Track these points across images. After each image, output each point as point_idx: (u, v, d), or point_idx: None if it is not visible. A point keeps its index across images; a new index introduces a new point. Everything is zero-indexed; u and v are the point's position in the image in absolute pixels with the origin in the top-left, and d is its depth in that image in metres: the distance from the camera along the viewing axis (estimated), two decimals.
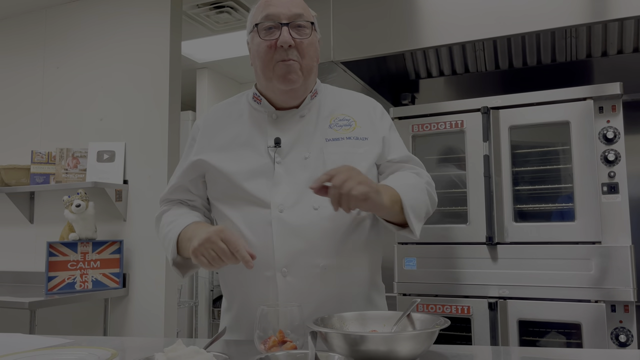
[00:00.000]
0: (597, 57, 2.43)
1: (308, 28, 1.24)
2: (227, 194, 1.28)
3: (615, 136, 2.01)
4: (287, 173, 1.25)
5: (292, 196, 1.22)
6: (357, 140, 1.29)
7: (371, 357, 0.88)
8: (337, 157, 1.25)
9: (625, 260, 1.94)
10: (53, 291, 2.90)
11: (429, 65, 2.69)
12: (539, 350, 1.13)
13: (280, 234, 1.20)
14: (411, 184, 1.25)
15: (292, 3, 1.24)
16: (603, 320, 1.94)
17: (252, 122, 1.32)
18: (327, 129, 1.30)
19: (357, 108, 1.36)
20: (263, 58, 1.24)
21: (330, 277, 1.20)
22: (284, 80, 1.24)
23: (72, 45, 3.48)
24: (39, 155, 3.25)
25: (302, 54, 1.24)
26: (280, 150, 1.26)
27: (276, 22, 1.21)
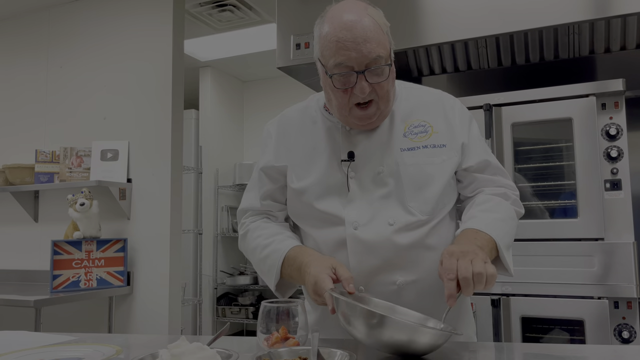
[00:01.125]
0: (600, 54, 2.43)
1: (385, 69, 1.14)
2: (303, 211, 1.26)
3: (618, 133, 2.01)
4: (361, 189, 1.20)
5: (366, 213, 1.18)
6: (435, 148, 1.21)
7: (388, 343, 0.89)
8: (413, 169, 1.19)
9: (628, 257, 1.94)
10: (58, 289, 2.92)
11: (431, 63, 2.69)
12: (542, 346, 1.14)
13: (355, 251, 1.16)
14: (500, 217, 1.17)
15: (365, 43, 1.10)
16: (606, 317, 1.94)
17: (326, 131, 1.26)
18: (401, 138, 1.22)
19: (433, 109, 1.26)
20: (339, 101, 1.17)
21: (408, 294, 1.17)
22: (360, 122, 1.19)
23: (76, 44, 3.50)
24: (43, 155, 3.27)
25: (380, 94, 1.16)
26: (353, 164, 1.21)
27: (350, 70, 1.12)
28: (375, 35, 1.12)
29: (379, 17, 1.16)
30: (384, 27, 1.15)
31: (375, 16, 1.14)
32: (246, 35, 4.30)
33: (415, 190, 1.18)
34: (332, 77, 1.14)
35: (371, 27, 1.11)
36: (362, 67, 1.11)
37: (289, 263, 1.18)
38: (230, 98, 5.40)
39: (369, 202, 1.19)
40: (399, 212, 1.17)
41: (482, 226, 1.13)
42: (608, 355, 1.04)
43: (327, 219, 1.20)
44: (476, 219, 1.16)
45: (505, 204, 1.21)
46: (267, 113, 5.49)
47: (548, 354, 1.03)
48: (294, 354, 0.84)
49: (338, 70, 1.13)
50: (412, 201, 1.18)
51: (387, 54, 1.14)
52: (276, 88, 5.41)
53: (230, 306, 4.97)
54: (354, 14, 1.12)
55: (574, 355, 1.02)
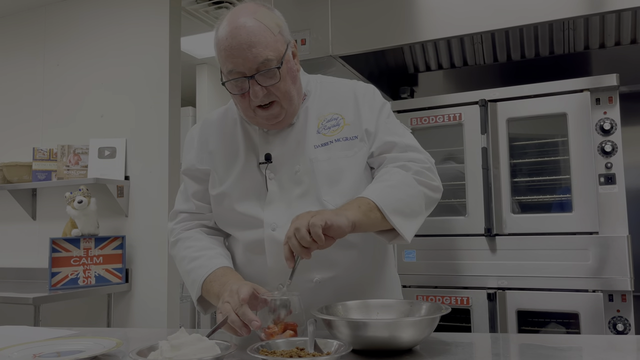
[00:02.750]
0: (595, 49, 2.45)
1: (275, 71, 1.13)
2: (224, 215, 1.27)
3: (612, 127, 2.03)
4: (280, 189, 1.21)
5: (284, 214, 1.18)
6: (347, 141, 1.21)
7: (373, 343, 0.90)
8: (326, 164, 1.19)
9: (622, 250, 1.96)
10: (57, 287, 2.92)
11: (427, 59, 2.71)
12: (537, 336, 1.16)
13: (272, 252, 1.17)
14: (389, 184, 1.15)
15: (252, 48, 1.11)
16: (601, 310, 1.96)
17: (244, 134, 1.28)
18: (315, 135, 1.23)
19: (345, 101, 1.26)
20: (242, 105, 1.19)
21: (326, 290, 1.18)
22: (269, 122, 1.20)
23: (72, 41, 3.50)
24: (41, 152, 3.27)
25: (279, 95, 1.16)
26: (272, 166, 1.21)
27: (242, 75, 1.13)
28: (262, 39, 1.11)
29: (269, 19, 1.15)
30: (274, 28, 1.14)
31: (264, 19, 1.13)
32: None
33: (329, 184, 1.19)
34: (226, 84, 1.16)
35: (257, 31, 1.11)
36: (253, 71, 1.12)
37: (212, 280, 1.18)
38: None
39: (287, 203, 1.20)
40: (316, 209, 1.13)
41: (365, 193, 1.12)
42: (602, 345, 1.06)
43: (247, 221, 1.21)
44: (365, 190, 1.15)
45: (402, 173, 1.17)
46: None
47: (542, 344, 1.05)
48: (291, 345, 0.85)
49: (231, 77, 1.14)
50: (327, 195, 1.18)
51: (278, 56, 1.13)
52: None
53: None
54: (241, 20, 1.12)
55: (567, 345, 1.04)
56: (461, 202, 2.25)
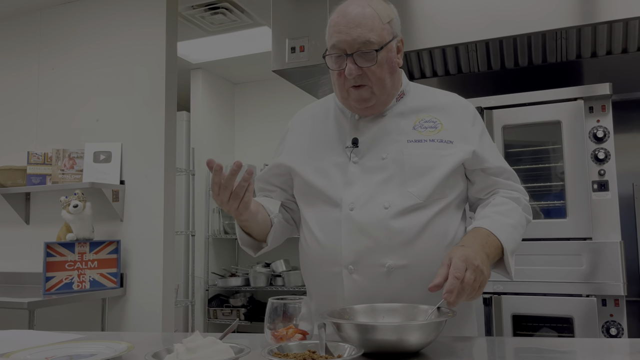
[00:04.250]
0: (587, 58, 2.49)
1: (373, 54, 1.20)
2: (304, 193, 1.33)
3: (605, 135, 2.07)
4: (363, 173, 1.25)
5: (364, 195, 1.23)
6: (442, 143, 1.26)
7: (381, 345, 0.92)
8: (418, 158, 1.24)
9: (615, 256, 1.99)
10: (51, 291, 2.91)
11: (422, 66, 2.74)
12: (532, 340, 1.18)
13: (348, 231, 1.21)
14: (512, 223, 1.22)
15: (358, 28, 1.19)
16: (594, 314, 1.99)
17: (335, 122, 1.34)
18: (410, 131, 1.28)
19: (447, 110, 1.31)
20: (337, 84, 1.26)
21: (397, 278, 1.19)
22: (358, 103, 1.26)
23: (68, 46, 3.49)
24: (35, 156, 3.26)
25: (372, 79, 1.22)
26: (357, 150, 1.27)
27: (341, 53, 1.21)
28: (369, 22, 1.20)
29: (382, 8, 1.23)
30: (385, 17, 1.22)
31: (376, 7, 1.22)
32: (238, 38, 4.32)
33: (417, 176, 1.23)
34: (326, 57, 1.24)
35: (366, 15, 1.20)
36: (352, 50, 1.19)
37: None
38: (221, 100, 5.41)
39: (367, 186, 1.24)
40: (396, 196, 1.21)
41: (494, 229, 1.18)
42: (595, 348, 1.08)
43: (325, 200, 1.26)
44: (490, 220, 1.21)
45: (518, 210, 1.26)
46: (257, 115, 5.51)
47: (537, 347, 1.07)
48: (303, 348, 0.87)
49: (331, 52, 1.22)
50: (412, 186, 1.22)
51: (380, 42, 1.20)
52: (267, 90, 5.44)
53: (222, 307, 4.98)
54: (356, 4, 1.22)
55: (561, 349, 1.07)
56: None
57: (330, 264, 1.22)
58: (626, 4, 1.99)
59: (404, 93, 1.32)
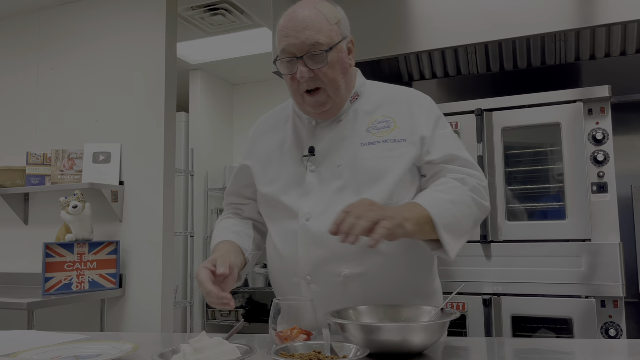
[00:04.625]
0: (586, 60, 2.51)
1: (323, 55, 1.19)
2: (264, 204, 1.34)
3: (605, 137, 2.08)
4: (320, 182, 1.25)
5: (320, 205, 1.22)
6: (395, 142, 1.24)
7: (386, 346, 0.93)
8: (370, 162, 1.22)
9: (614, 258, 2.01)
10: (50, 292, 2.91)
11: (422, 68, 2.75)
12: (532, 341, 1.19)
13: (304, 242, 1.21)
14: (450, 199, 1.16)
15: (305, 30, 1.19)
16: (593, 316, 2.00)
17: (294, 129, 1.34)
18: (364, 134, 1.26)
19: (400, 105, 1.29)
20: (291, 89, 1.26)
21: (354, 286, 1.19)
22: (314, 109, 1.25)
23: (67, 47, 3.49)
24: (35, 157, 3.26)
25: (325, 81, 1.21)
26: (314, 159, 1.26)
27: (292, 57, 1.20)
28: (317, 24, 1.20)
29: (329, 10, 1.23)
30: (332, 19, 1.22)
31: (323, 9, 1.22)
32: (237, 39, 4.32)
33: (370, 182, 1.21)
34: (277, 63, 1.23)
35: (314, 17, 1.20)
36: (302, 52, 1.19)
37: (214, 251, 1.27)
38: (220, 101, 5.42)
39: (323, 195, 1.23)
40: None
41: (424, 202, 1.13)
42: (596, 349, 1.09)
43: (285, 211, 1.26)
44: (423, 196, 1.17)
45: (462, 189, 1.19)
46: (256, 116, 5.49)
47: (537, 348, 1.08)
48: (309, 348, 0.87)
49: (282, 56, 1.22)
50: (366, 192, 1.20)
51: (329, 43, 1.20)
52: (266, 91, 5.44)
53: None
54: (303, 7, 1.22)
55: (560, 349, 1.07)
56: None
57: (290, 275, 1.23)
58: (624, 8, 2.00)
59: (358, 94, 1.31)
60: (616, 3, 2.01)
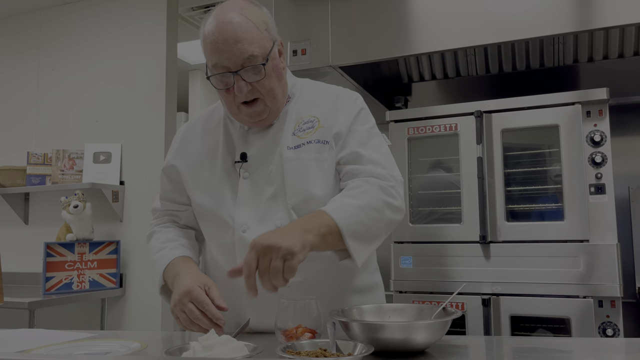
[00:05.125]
0: (584, 63, 2.53)
1: (260, 67, 1.14)
2: (197, 212, 1.29)
3: (602, 139, 2.11)
4: (253, 189, 1.20)
5: (256, 214, 1.18)
6: (319, 144, 1.21)
7: (389, 344, 0.95)
8: (295, 165, 1.19)
9: (611, 258, 2.03)
10: (50, 291, 2.92)
11: (421, 70, 2.77)
12: (530, 339, 1.21)
13: (243, 254, 1.09)
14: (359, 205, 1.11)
15: (238, 43, 1.11)
16: (591, 315, 2.03)
17: (225, 133, 1.28)
18: (290, 137, 1.23)
19: (326, 105, 1.26)
20: (226, 101, 1.20)
21: (295, 293, 1.14)
22: (252, 120, 1.21)
23: (68, 46, 3.51)
24: (35, 157, 3.27)
25: (263, 92, 1.17)
26: (246, 165, 1.21)
27: (226, 70, 1.14)
28: (248, 35, 1.12)
29: (257, 15, 1.16)
30: (261, 25, 1.15)
31: (251, 15, 1.15)
32: None
33: (296, 188, 1.18)
34: (210, 78, 1.16)
35: (243, 27, 1.12)
36: (238, 67, 1.12)
37: (169, 270, 1.21)
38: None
39: (258, 204, 1.19)
40: (285, 213, 1.17)
41: (330, 209, 1.09)
42: (595, 347, 1.11)
43: (218, 222, 1.22)
44: (331, 203, 1.12)
45: (373, 193, 1.14)
46: None
47: (536, 347, 1.10)
48: (315, 346, 0.89)
49: (216, 71, 1.15)
50: (291, 199, 1.18)
51: (264, 53, 1.14)
52: None
53: None
54: (228, 15, 1.13)
55: (558, 348, 1.10)
56: (457, 210, 2.31)
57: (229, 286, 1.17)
58: (622, 11, 2.03)
59: (289, 97, 1.28)
60: (614, 7, 2.04)
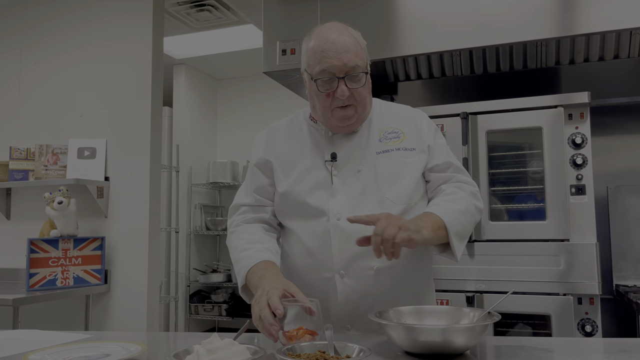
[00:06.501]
0: (565, 65, 2.59)
1: (362, 76, 1.32)
2: (287, 205, 1.40)
3: (583, 141, 2.17)
4: (343, 185, 1.36)
5: (347, 205, 1.33)
6: (406, 151, 1.39)
7: (428, 347, 0.99)
8: (388, 168, 1.36)
9: (591, 257, 2.10)
10: (34, 288, 2.90)
11: (407, 69, 2.80)
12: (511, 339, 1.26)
13: (337, 240, 1.31)
14: (459, 209, 1.33)
15: (346, 53, 1.29)
16: (570, 312, 2.10)
17: (311, 137, 1.43)
18: (377, 143, 1.40)
19: (405, 120, 1.45)
20: (322, 104, 1.34)
21: (383, 278, 1.31)
22: (341, 121, 1.36)
23: (51, 40, 3.46)
24: (18, 151, 3.23)
25: (358, 99, 1.33)
26: (336, 164, 1.37)
27: (332, 76, 1.30)
28: (355, 48, 1.31)
29: (358, 36, 1.36)
30: (362, 44, 1.35)
31: (355, 35, 1.35)
32: (222, 35, 4.33)
33: (390, 184, 1.35)
34: (317, 81, 1.31)
35: (351, 42, 1.32)
36: (343, 73, 1.29)
37: (254, 271, 1.29)
38: (204, 96, 5.41)
39: (349, 197, 1.34)
40: (376, 205, 1.33)
41: (438, 211, 1.30)
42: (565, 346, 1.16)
43: (312, 212, 1.35)
44: (437, 206, 1.33)
45: (468, 199, 1.36)
46: (240, 111, 5.53)
47: (516, 345, 1.15)
48: (314, 348, 0.92)
49: (322, 76, 1.31)
50: (388, 193, 1.34)
51: (364, 65, 1.33)
52: (249, 87, 5.45)
53: (203, 303, 5.00)
54: (337, 32, 1.33)
55: (539, 346, 1.14)
56: None
57: (321, 271, 1.32)
58: (603, 18, 2.09)
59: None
60: (595, 14, 2.10)
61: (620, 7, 2.07)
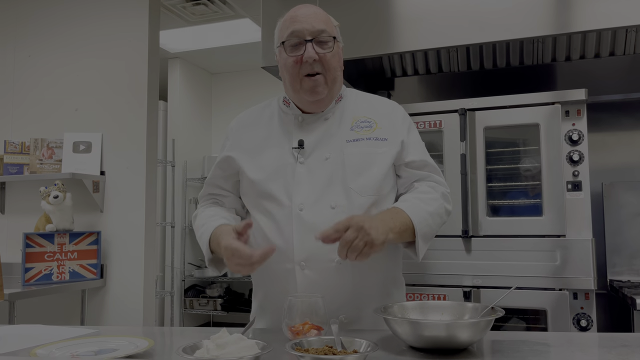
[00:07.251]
0: (561, 62, 2.61)
1: (331, 42, 1.33)
2: (252, 193, 1.39)
3: (580, 138, 2.19)
4: (309, 173, 1.33)
5: (311, 195, 1.31)
6: (377, 140, 1.37)
7: (433, 342, 1.00)
8: (356, 157, 1.34)
9: (586, 252, 2.12)
10: (30, 282, 2.89)
11: (404, 65, 2.81)
12: (512, 334, 1.28)
13: (299, 230, 1.29)
14: (429, 210, 1.32)
15: (315, 19, 1.32)
16: (566, 307, 2.12)
17: (280, 124, 1.42)
18: (348, 131, 1.38)
19: (379, 110, 1.44)
20: (291, 72, 1.34)
21: (345, 272, 1.29)
22: (311, 93, 1.34)
23: (45, 32, 3.43)
24: (12, 145, 3.21)
25: (326, 67, 1.32)
26: (303, 151, 1.35)
27: (301, 39, 1.31)
28: (324, 17, 1.35)
29: (330, 16, 1.40)
30: (333, 21, 1.38)
31: (326, 13, 1.38)
32: (218, 29, 4.31)
33: (357, 174, 1.33)
34: (285, 45, 1.33)
35: (321, 12, 1.36)
36: (311, 36, 1.31)
37: (212, 240, 1.32)
38: (199, 90, 5.39)
39: (314, 186, 1.32)
40: (340, 195, 1.31)
41: (409, 211, 1.29)
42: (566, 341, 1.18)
43: (274, 201, 1.34)
44: (408, 203, 1.33)
45: (439, 201, 1.36)
46: (234, 105, 5.51)
47: (512, 339, 1.16)
48: (322, 343, 0.93)
49: (290, 39, 1.32)
50: (353, 183, 1.32)
51: (332, 33, 1.34)
52: (244, 80, 5.44)
53: (198, 298, 5.00)
54: (307, 6, 1.36)
55: (535, 340, 1.16)
56: None
57: (283, 262, 1.30)
58: (599, 16, 2.11)
59: (341, 97, 1.44)
60: (590, 12, 2.12)
61: (615, 5, 2.09)
